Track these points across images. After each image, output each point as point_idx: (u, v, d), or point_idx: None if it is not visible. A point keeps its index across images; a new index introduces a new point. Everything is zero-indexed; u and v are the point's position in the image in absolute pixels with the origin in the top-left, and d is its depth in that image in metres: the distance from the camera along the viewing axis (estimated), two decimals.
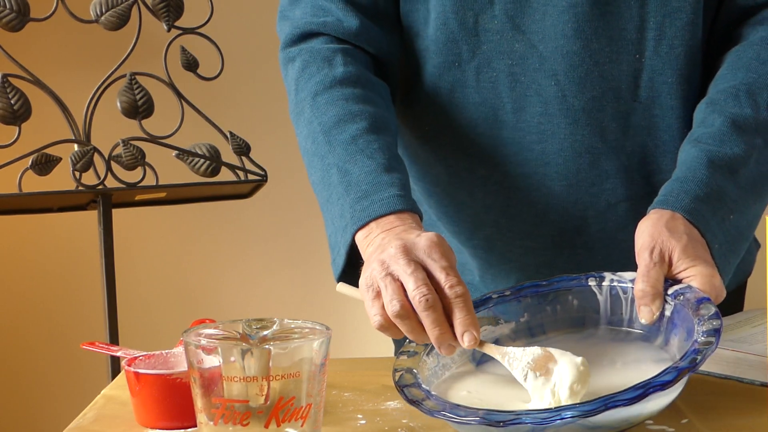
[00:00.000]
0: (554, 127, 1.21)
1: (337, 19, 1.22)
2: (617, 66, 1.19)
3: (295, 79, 1.23)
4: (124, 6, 2.08)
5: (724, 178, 1.12)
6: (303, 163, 2.76)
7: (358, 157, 1.13)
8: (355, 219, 1.09)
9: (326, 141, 1.16)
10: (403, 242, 1.00)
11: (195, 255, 2.83)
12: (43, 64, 2.30)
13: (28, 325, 2.78)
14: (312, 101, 1.19)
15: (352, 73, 1.21)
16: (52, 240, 2.75)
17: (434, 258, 0.99)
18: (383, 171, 1.11)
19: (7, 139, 2.00)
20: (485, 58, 1.21)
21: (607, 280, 1.08)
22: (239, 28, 2.69)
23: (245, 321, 0.90)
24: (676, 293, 1.03)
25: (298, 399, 0.85)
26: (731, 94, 1.17)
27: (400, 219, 1.07)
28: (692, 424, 0.99)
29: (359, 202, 1.09)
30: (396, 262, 0.99)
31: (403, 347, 1.04)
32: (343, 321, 2.84)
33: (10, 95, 2.00)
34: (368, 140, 1.14)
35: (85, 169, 2.05)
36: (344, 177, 1.12)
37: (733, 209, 1.12)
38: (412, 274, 0.97)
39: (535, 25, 1.19)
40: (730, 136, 1.14)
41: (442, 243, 1.01)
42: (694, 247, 1.05)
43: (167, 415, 1.02)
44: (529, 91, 1.21)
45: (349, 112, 1.17)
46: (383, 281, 0.99)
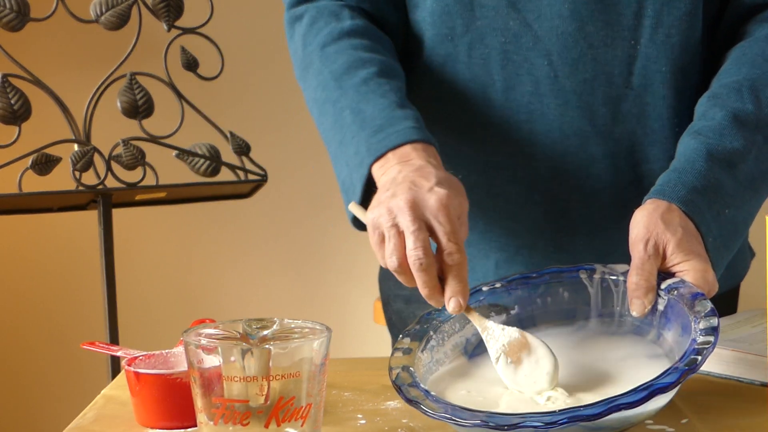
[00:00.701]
0: (543, 107, 1.21)
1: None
2: (611, 50, 1.19)
3: (302, 35, 1.25)
4: (124, 6, 2.08)
5: (722, 171, 1.12)
6: (303, 163, 2.74)
7: (370, 97, 1.15)
8: (371, 151, 1.10)
9: (337, 86, 1.18)
10: (413, 195, 1.02)
11: (195, 255, 2.83)
12: (43, 64, 2.30)
13: (28, 325, 2.78)
14: (321, 52, 1.21)
15: (360, 25, 1.23)
16: (52, 240, 2.75)
17: (440, 220, 1.01)
18: (397, 107, 1.13)
19: (7, 139, 2.00)
20: (478, 34, 1.21)
21: (598, 272, 1.08)
22: (239, 28, 2.69)
23: (245, 321, 0.90)
24: (669, 287, 1.03)
25: (298, 399, 0.85)
26: (734, 88, 1.17)
27: (416, 150, 1.09)
28: (692, 424, 0.99)
29: (374, 135, 1.11)
30: (402, 216, 1.01)
31: (397, 343, 1.04)
32: (343, 321, 2.84)
33: (10, 95, 2.00)
34: (379, 82, 1.16)
35: (85, 169, 2.05)
36: (358, 116, 1.14)
37: (729, 203, 1.11)
38: (413, 233, 1.00)
39: (531, 4, 1.19)
40: (731, 130, 1.14)
41: (451, 203, 1.03)
42: (688, 240, 1.05)
43: (167, 415, 1.02)
44: (520, 69, 1.20)
45: (358, 58, 1.18)
46: (388, 231, 1.02)
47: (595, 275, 1.08)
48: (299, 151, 2.80)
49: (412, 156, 1.08)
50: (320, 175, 2.80)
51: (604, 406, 0.86)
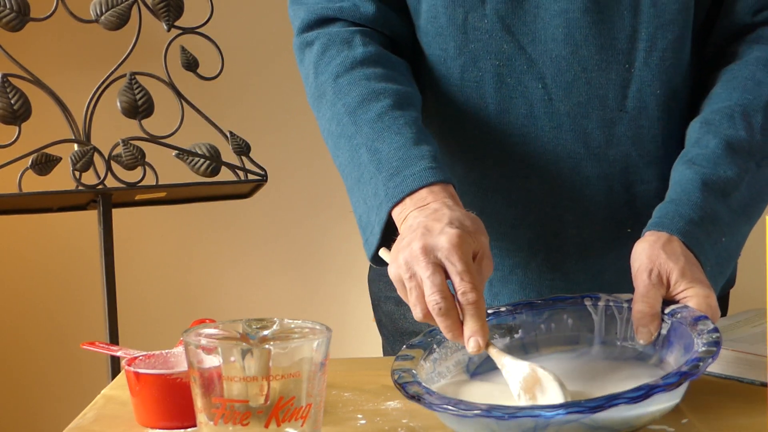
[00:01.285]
0: (537, 130, 1.21)
1: (353, 5, 1.23)
2: (605, 74, 1.19)
3: (314, 63, 1.23)
4: (124, 6, 2.08)
5: (717, 201, 1.12)
6: (303, 163, 2.73)
7: (385, 135, 1.14)
8: (389, 196, 1.10)
9: (352, 121, 1.17)
10: (425, 242, 1.02)
11: (195, 255, 2.83)
12: (43, 64, 2.30)
13: (28, 325, 2.78)
14: (334, 83, 1.20)
15: (372, 52, 1.21)
16: (52, 240, 2.75)
17: (452, 261, 1.01)
18: (412, 145, 1.13)
19: (7, 139, 2.00)
20: (471, 57, 1.21)
21: (602, 300, 1.08)
22: (239, 28, 2.69)
23: (245, 321, 0.90)
24: (672, 312, 1.03)
25: (298, 399, 0.85)
26: (726, 114, 1.17)
27: (432, 193, 1.09)
28: (692, 424, 0.99)
29: (392, 179, 1.11)
30: (417, 264, 1.01)
31: (401, 352, 1.04)
32: (343, 321, 2.84)
33: (10, 95, 2.00)
34: (394, 116, 1.15)
35: (85, 168, 2.05)
36: (374, 156, 1.13)
37: (725, 232, 1.12)
38: (429, 278, 1.00)
39: (526, 27, 1.19)
40: (725, 158, 1.14)
41: (462, 242, 1.02)
42: (691, 269, 1.06)
43: (167, 415, 1.02)
44: (514, 93, 1.20)
45: (372, 90, 1.17)
46: (408, 283, 1.02)
47: (599, 303, 1.08)
48: (299, 151, 2.80)
49: (429, 200, 1.08)
50: (320, 175, 2.80)
51: (603, 400, 0.86)
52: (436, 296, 0.99)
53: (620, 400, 0.86)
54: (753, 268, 1.42)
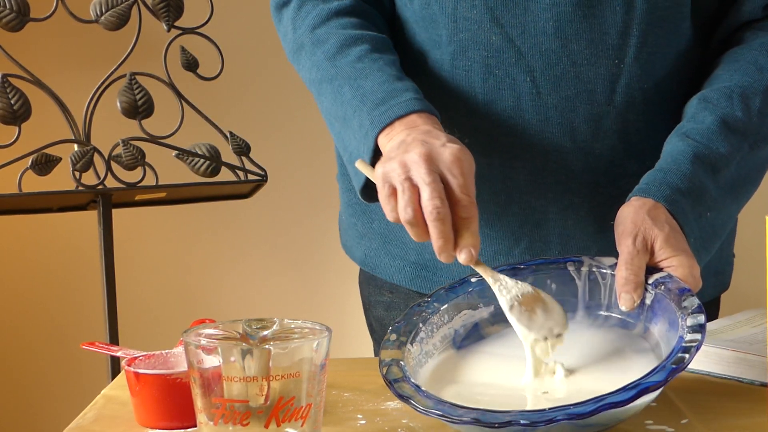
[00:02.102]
0: (524, 122, 1.21)
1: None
2: (594, 69, 1.19)
3: (291, 19, 1.25)
4: (123, 6, 2.08)
5: (706, 175, 1.13)
6: (303, 163, 2.74)
7: (367, 72, 1.15)
8: (375, 123, 1.11)
9: (332, 65, 1.18)
10: (428, 149, 1.03)
11: (195, 255, 2.83)
12: (43, 64, 2.30)
13: (28, 325, 2.78)
14: (311, 34, 1.22)
15: (347, 4, 1.23)
16: (52, 240, 2.75)
17: (454, 174, 1.02)
18: (395, 80, 1.14)
19: (7, 139, 2.00)
20: (461, 46, 1.21)
21: (585, 265, 1.08)
22: (239, 28, 2.69)
23: (245, 321, 0.90)
24: (656, 282, 1.03)
25: (298, 399, 0.85)
26: (725, 94, 1.18)
27: (421, 117, 1.10)
28: (692, 424, 0.99)
29: (377, 108, 1.12)
30: (417, 169, 1.02)
31: (386, 336, 1.04)
32: (343, 321, 2.84)
33: (10, 95, 2.00)
34: (373, 58, 1.17)
35: (85, 169, 2.05)
36: (357, 91, 1.14)
37: (711, 207, 1.13)
38: (430, 185, 1.01)
39: (515, 20, 1.18)
40: (719, 135, 1.15)
41: (464, 158, 1.04)
42: (675, 237, 1.06)
43: (167, 415, 1.02)
44: (502, 84, 1.20)
45: (349, 36, 1.19)
46: (402, 184, 1.02)
47: (582, 268, 1.08)
48: (299, 151, 2.80)
49: (419, 122, 1.09)
50: (320, 175, 2.80)
51: (594, 405, 0.86)
52: (436, 201, 1.00)
53: (609, 403, 0.86)
54: (753, 268, 1.42)
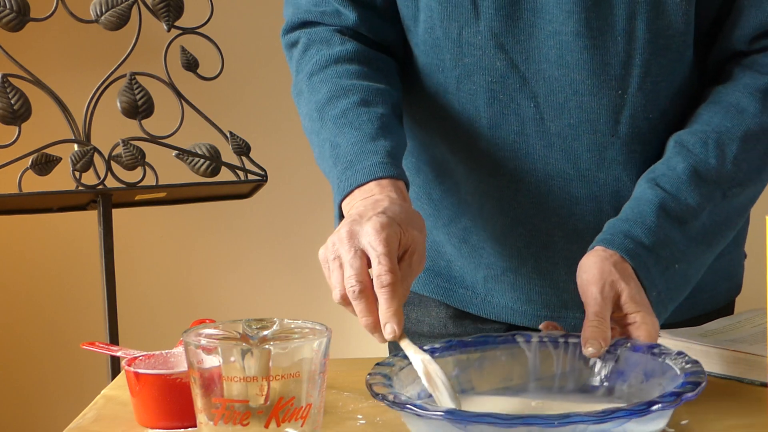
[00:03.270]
0: (528, 147, 1.21)
1: (336, 10, 1.24)
2: (597, 99, 1.18)
3: (297, 61, 1.26)
4: (124, 6, 2.08)
5: (672, 227, 1.11)
6: (303, 163, 2.75)
7: (346, 130, 1.15)
8: (340, 189, 1.12)
9: (319, 117, 1.19)
10: (351, 227, 1.02)
11: (195, 255, 2.83)
12: (43, 64, 2.30)
13: (28, 325, 2.78)
14: (308, 81, 1.22)
15: (349, 50, 1.22)
16: (52, 240, 2.75)
17: (373, 245, 1.00)
18: (368, 140, 1.13)
19: (7, 139, 2.00)
20: (466, 71, 1.21)
21: (535, 337, 1.07)
22: (239, 28, 2.69)
23: (245, 321, 0.90)
24: (616, 343, 1.03)
25: (298, 399, 0.85)
26: (701, 139, 1.15)
27: (380, 186, 1.09)
28: (692, 424, 0.99)
29: (344, 172, 1.12)
30: (342, 247, 1.02)
31: (377, 363, 1.02)
32: (342, 321, 2.84)
33: (10, 95, 2.00)
34: (357, 113, 1.16)
35: (85, 169, 2.05)
36: (334, 150, 1.15)
37: (679, 259, 1.11)
38: (349, 262, 1.00)
39: (519, 46, 1.18)
40: (689, 185, 1.13)
41: (386, 230, 1.01)
42: (639, 293, 1.06)
43: (167, 415, 1.02)
44: (506, 109, 1.20)
45: (340, 87, 1.19)
46: (331, 264, 1.02)
47: (532, 339, 1.06)
48: (299, 151, 2.79)
49: (375, 192, 1.09)
50: (320, 175, 2.80)
51: (563, 418, 0.85)
52: (353, 279, 0.99)
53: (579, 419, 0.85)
54: (752, 268, 1.42)
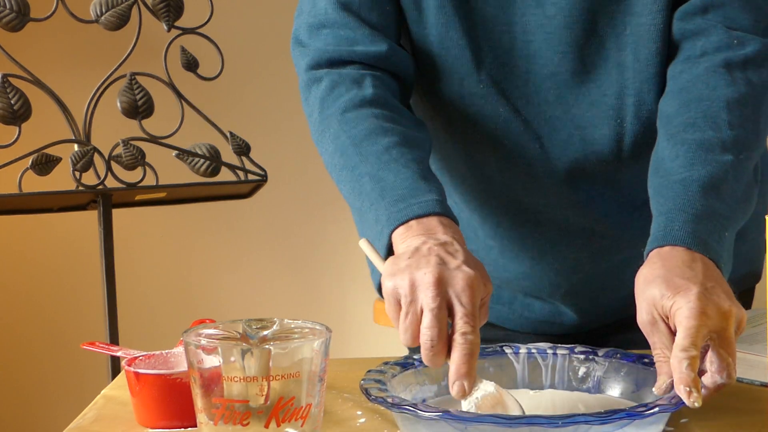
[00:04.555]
0: (539, 184, 1.22)
1: (366, 48, 1.19)
2: (599, 130, 1.19)
3: (320, 98, 1.19)
4: (124, 6, 2.08)
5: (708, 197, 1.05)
6: (303, 164, 2.73)
7: (392, 166, 1.09)
8: (392, 220, 1.05)
9: (357, 152, 1.12)
10: (440, 272, 0.98)
11: (195, 255, 2.83)
12: (43, 64, 2.30)
13: (28, 325, 2.78)
14: (340, 117, 1.16)
15: (381, 95, 1.18)
16: (52, 240, 2.75)
17: (462, 301, 0.97)
18: (420, 179, 1.08)
19: (7, 139, 2.00)
20: (471, 121, 1.21)
21: (523, 348, 1.06)
22: (239, 28, 2.69)
23: (245, 321, 0.90)
24: (606, 354, 1.03)
25: (298, 399, 0.85)
26: (688, 124, 1.12)
27: (442, 224, 1.04)
28: (692, 424, 0.99)
29: (395, 204, 1.06)
30: (425, 291, 0.97)
31: (369, 370, 1.02)
32: (343, 321, 2.84)
33: (10, 95, 2.00)
34: (402, 151, 1.11)
35: (85, 169, 2.05)
36: (378, 183, 1.09)
37: (726, 225, 1.06)
38: (432, 311, 0.96)
39: (518, 91, 1.19)
40: (698, 158, 1.08)
41: (477, 285, 0.98)
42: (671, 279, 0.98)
43: (167, 415, 1.02)
44: (513, 153, 1.21)
45: (380, 126, 1.13)
46: (407, 307, 0.98)
47: (521, 350, 1.06)
48: (299, 151, 2.79)
49: (438, 230, 1.03)
50: (320, 175, 2.80)
51: (565, 418, 0.85)
52: (434, 332, 0.96)
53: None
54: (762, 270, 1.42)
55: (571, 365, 1.04)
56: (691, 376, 0.90)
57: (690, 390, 0.90)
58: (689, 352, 0.91)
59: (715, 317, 0.94)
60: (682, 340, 0.92)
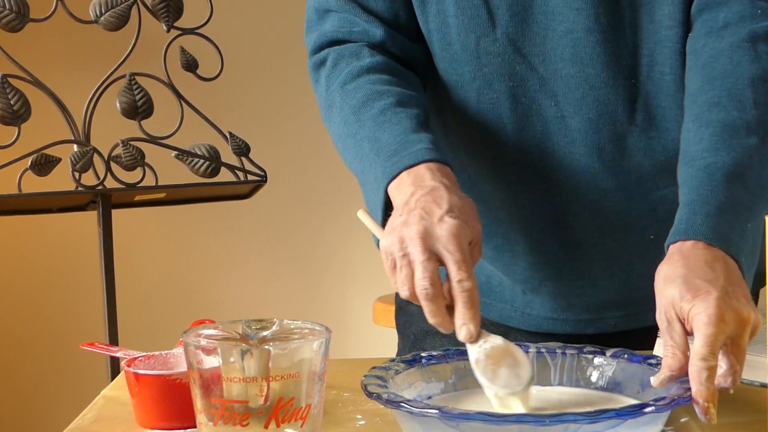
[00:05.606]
0: (554, 146, 1.22)
1: (363, 29, 1.25)
2: (613, 90, 1.20)
3: (326, 77, 1.26)
4: (123, 6, 2.08)
5: (732, 187, 1.06)
6: (302, 164, 2.73)
7: (386, 126, 1.16)
8: (386, 174, 1.12)
9: (356, 120, 1.19)
10: (424, 226, 1.03)
11: (194, 256, 2.83)
12: (42, 65, 2.30)
13: (28, 325, 2.78)
14: (341, 90, 1.23)
15: (380, 61, 1.24)
16: (51, 240, 2.75)
17: (449, 250, 1.02)
18: (411, 132, 1.15)
19: (6, 139, 2.00)
20: (486, 81, 1.22)
21: (532, 347, 1.07)
22: (239, 29, 2.69)
23: (245, 321, 0.90)
24: (615, 354, 1.03)
25: (297, 399, 0.85)
26: (713, 103, 1.13)
27: (430, 170, 1.10)
28: (692, 424, 0.99)
29: (389, 159, 1.13)
30: (413, 246, 1.02)
31: (373, 367, 1.03)
32: (342, 321, 2.84)
33: (9, 96, 2.00)
34: (395, 111, 1.17)
35: (85, 169, 2.05)
36: (374, 144, 1.16)
37: (748, 217, 1.05)
38: (422, 263, 1.01)
39: (536, 48, 1.20)
40: (723, 143, 1.09)
41: (461, 233, 1.03)
42: (690, 281, 0.98)
43: (167, 415, 1.02)
44: (529, 111, 1.22)
45: (375, 91, 1.20)
46: (400, 261, 1.03)
47: (530, 350, 1.06)
48: (299, 151, 2.80)
49: (426, 176, 1.09)
50: (320, 175, 2.81)
51: (552, 417, 0.85)
52: (426, 282, 1.00)
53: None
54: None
55: (580, 365, 1.05)
56: (711, 390, 0.91)
57: (708, 406, 0.91)
58: (709, 362, 0.92)
59: (733, 324, 0.95)
60: (701, 348, 0.93)
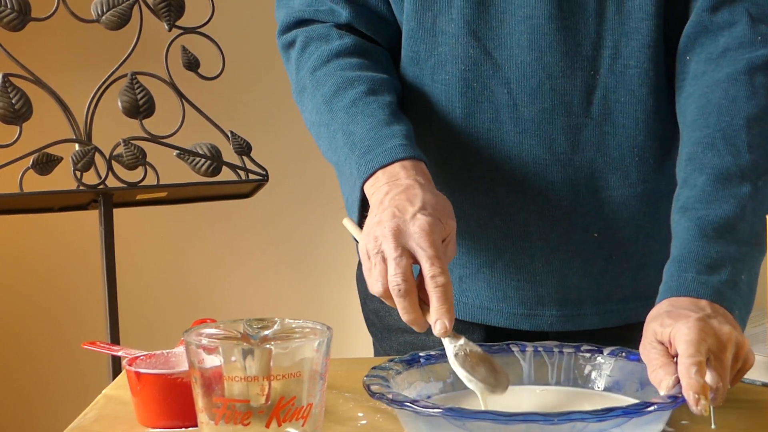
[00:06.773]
0: (503, 134, 1.21)
1: (330, 9, 1.26)
2: (570, 81, 1.19)
3: (296, 60, 1.28)
4: (125, 5, 2.08)
5: (721, 243, 1.06)
6: (304, 163, 2.74)
7: (359, 118, 1.16)
8: (361, 173, 1.13)
9: (328, 109, 1.20)
10: (396, 224, 1.04)
11: (196, 255, 2.83)
12: (44, 64, 2.30)
13: (29, 324, 2.78)
14: (311, 76, 1.23)
15: (348, 44, 1.24)
16: (53, 240, 2.75)
17: (422, 246, 1.03)
18: (383, 125, 1.15)
19: (8, 138, 2.00)
20: (440, 60, 1.22)
21: (530, 346, 1.07)
22: (240, 28, 2.69)
23: (246, 321, 0.90)
24: (613, 353, 1.04)
25: (299, 399, 0.85)
26: (708, 144, 1.12)
27: (404, 168, 1.11)
28: (692, 424, 0.99)
29: (364, 156, 1.13)
30: (386, 243, 1.03)
31: (374, 367, 1.03)
32: (343, 321, 2.84)
33: (11, 95, 2.00)
34: (367, 101, 1.18)
35: (86, 168, 2.05)
36: (348, 138, 1.16)
37: (741, 269, 1.05)
38: (394, 260, 1.02)
39: (492, 33, 1.19)
40: (716, 194, 1.08)
41: (433, 229, 1.04)
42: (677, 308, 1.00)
43: (168, 414, 1.02)
44: (480, 97, 1.21)
45: (346, 79, 1.20)
46: (373, 258, 1.04)
47: (527, 349, 1.07)
48: (300, 150, 2.80)
49: (401, 175, 1.10)
50: (321, 174, 2.80)
51: (561, 415, 0.86)
52: (398, 278, 1.01)
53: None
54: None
55: (577, 363, 1.05)
56: (700, 382, 0.91)
57: (698, 397, 0.90)
58: (696, 357, 0.92)
59: (713, 339, 0.95)
60: (686, 350, 0.93)
